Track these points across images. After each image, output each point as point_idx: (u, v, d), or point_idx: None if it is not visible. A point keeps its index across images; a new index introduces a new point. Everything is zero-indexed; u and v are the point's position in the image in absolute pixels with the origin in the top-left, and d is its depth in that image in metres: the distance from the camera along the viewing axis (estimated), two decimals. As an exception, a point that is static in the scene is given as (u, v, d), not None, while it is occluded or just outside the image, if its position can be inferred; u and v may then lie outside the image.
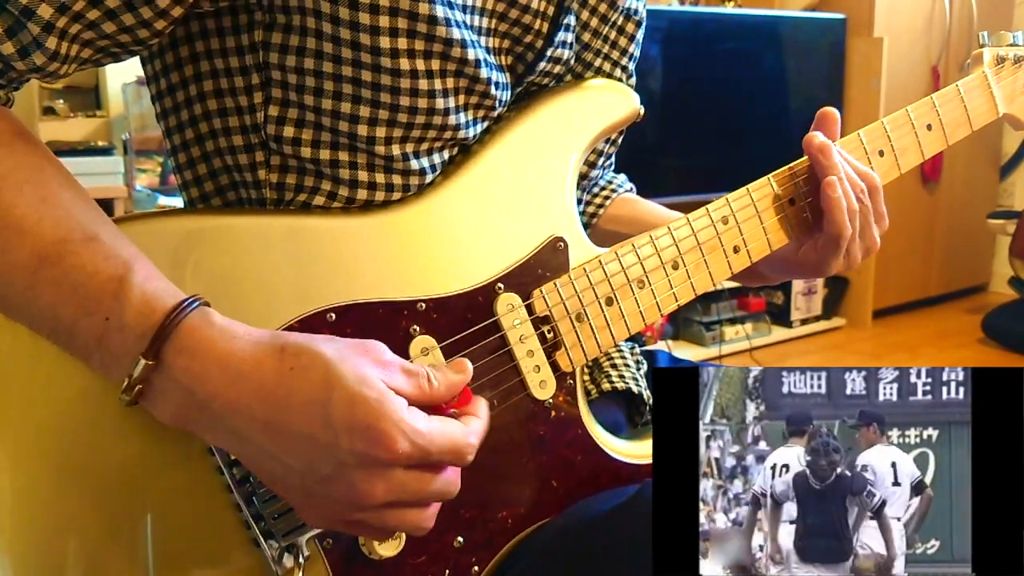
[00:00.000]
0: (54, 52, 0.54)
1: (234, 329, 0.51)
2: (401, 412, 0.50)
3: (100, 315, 0.50)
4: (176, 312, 0.50)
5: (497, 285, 0.66)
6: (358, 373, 0.50)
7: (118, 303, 0.50)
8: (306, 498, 0.52)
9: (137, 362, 0.50)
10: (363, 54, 0.61)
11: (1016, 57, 0.89)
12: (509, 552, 0.66)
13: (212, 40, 0.63)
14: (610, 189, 0.93)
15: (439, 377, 0.54)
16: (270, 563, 0.58)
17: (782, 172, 0.77)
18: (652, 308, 0.71)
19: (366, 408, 0.49)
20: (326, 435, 0.49)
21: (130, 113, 2.81)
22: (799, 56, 3.29)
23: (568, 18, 0.72)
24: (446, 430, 0.52)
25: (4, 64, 0.54)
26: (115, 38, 0.56)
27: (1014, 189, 4.04)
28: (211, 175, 0.68)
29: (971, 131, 0.86)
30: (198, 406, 0.50)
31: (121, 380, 0.51)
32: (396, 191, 0.65)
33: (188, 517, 0.57)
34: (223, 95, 0.64)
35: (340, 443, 0.49)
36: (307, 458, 0.50)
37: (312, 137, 0.63)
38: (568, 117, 0.71)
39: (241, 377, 0.50)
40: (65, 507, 0.55)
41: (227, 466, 0.57)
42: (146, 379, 0.50)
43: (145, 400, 0.51)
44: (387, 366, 0.52)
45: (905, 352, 3.27)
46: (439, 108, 0.64)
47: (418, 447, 0.50)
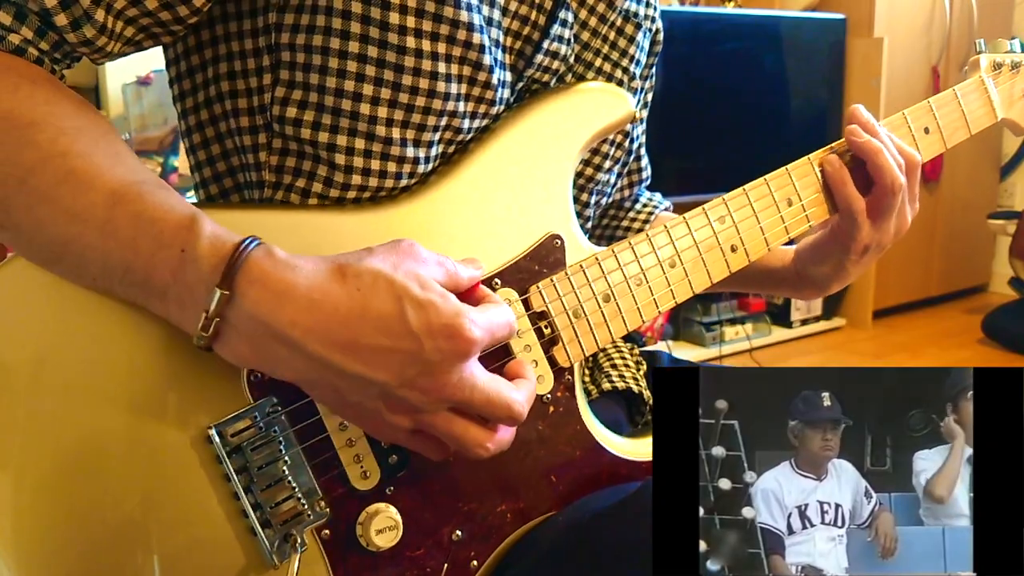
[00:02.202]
0: (102, 25, 0.57)
1: (295, 261, 0.54)
2: (461, 306, 0.54)
3: (177, 247, 0.53)
4: (244, 245, 0.53)
5: (494, 280, 0.67)
6: (418, 279, 0.54)
7: (192, 236, 0.53)
8: (385, 411, 0.54)
9: (212, 294, 0.51)
10: (372, 28, 0.62)
11: (1013, 63, 0.90)
12: (509, 547, 0.67)
13: (230, 24, 0.65)
14: (652, 206, 0.96)
15: (461, 268, 0.59)
16: (267, 553, 0.58)
17: (779, 173, 0.78)
18: (650, 305, 0.72)
19: (436, 310, 0.53)
20: (410, 343, 0.52)
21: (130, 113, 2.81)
22: (799, 56, 3.29)
23: (564, 13, 0.73)
24: (493, 319, 0.56)
25: (60, 37, 0.57)
26: (156, 15, 0.59)
27: (1014, 189, 4.05)
28: (220, 156, 0.70)
29: (969, 135, 0.87)
30: (274, 337, 0.52)
31: (198, 317, 0.52)
32: (389, 178, 0.66)
33: (185, 506, 0.58)
34: (235, 77, 0.66)
35: (424, 346, 0.52)
36: (392, 367, 0.52)
37: (314, 119, 0.64)
38: (564, 119, 0.72)
39: (314, 304, 0.52)
40: (62, 497, 0.55)
41: (225, 455, 0.57)
42: (222, 314, 0.52)
43: (220, 340, 0.53)
44: (426, 263, 0.56)
45: (905, 352, 3.27)
46: (440, 91, 0.65)
47: (486, 330, 0.55)
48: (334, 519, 0.61)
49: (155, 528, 0.57)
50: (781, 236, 0.77)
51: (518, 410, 0.56)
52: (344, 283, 0.53)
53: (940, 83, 3.52)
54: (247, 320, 0.52)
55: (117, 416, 0.56)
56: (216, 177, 0.70)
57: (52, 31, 0.57)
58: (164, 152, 2.80)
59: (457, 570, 0.64)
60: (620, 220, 0.95)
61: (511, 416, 0.56)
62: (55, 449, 0.55)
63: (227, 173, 0.70)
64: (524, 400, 0.57)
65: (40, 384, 0.55)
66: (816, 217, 0.79)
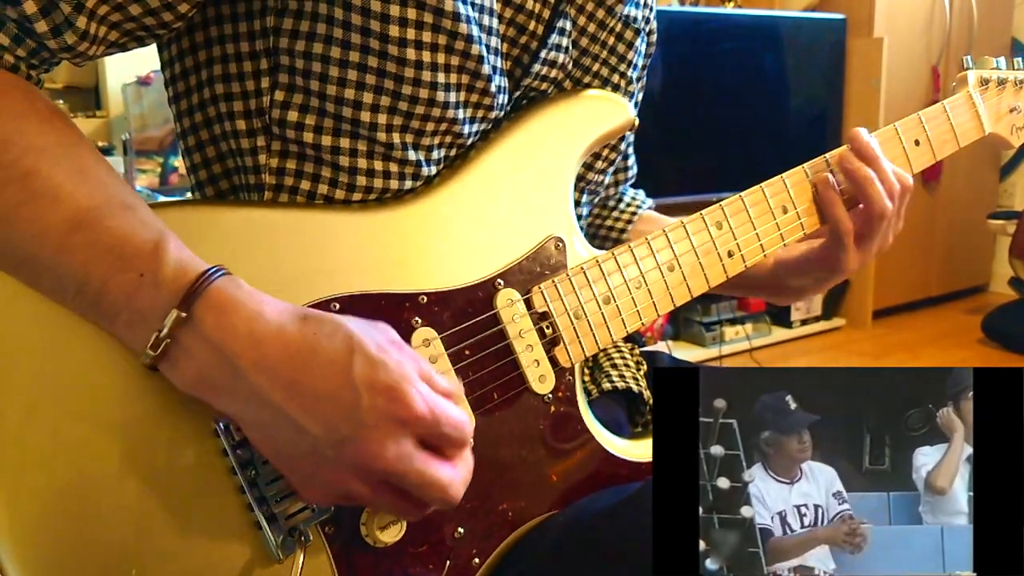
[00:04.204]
0: (84, 32, 0.56)
1: (261, 295, 0.54)
2: (416, 377, 0.52)
3: (135, 271, 0.52)
4: (209, 273, 0.52)
5: (497, 281, 0.67)
6: (376, 342, 0.53)
7: (155, 261, 0.52)
8: (313, 466, 0.53)
9: (169, 315, 0.51)
10: (372, 40, 0.62)
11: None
12: (511, 546, 0.67)
13: (226, 26, 0.65)
14: (635, 206, 0.96)
15: (438, 376, 0.55)
16: (272, 547, 0.58)
17: (774, 181, 0.79)
18: (649, 307, 0.73)
19: (386, 370, 0.51)
20: (348, 394, 0.51)
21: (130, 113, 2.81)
22: (799, 56, 3.29)
23: (563, 22, 0.73)
24: (455, 407, 0.54)
25: (38, 43, 0.56)
26: (141, 20, 0.58)
27: (1014, 189, 4.05)
28: (216, 159, 0.69)
29: (958, 148, 0.89)
30: (222, 365, 0.51)
31: (147, 338, 0.52)
32: (393, 179, 0.66)
33: (190, 500, 0.58)
34: (231, 80, 0.66)
35: (361, 401, 0.50)
36: (326, 418, 0.51)
37: (316, 123, 0.64)
38: (564, 124, 0.73)
39: (267, 338, 0.51)
40: (67, 490, 0.55)
41: (231, 448, 0.58)
42: (173, 335, 0.51)
43: (167, 360, 0.52)
44: (396, 344, 0.54)
45: (905, 352, 3.27)
46: (439, 100, 0.65)
47: (432, 411, 0.52)
48: (338, 515, 0.61)
49: (160, 521, 0.57)
50: (776, 243, 0.79)
51: (452, 494, 0.54)
52: (303, 325, 0.52)
53: (940, 83, 3.52)
54: (200, 344, 0.51)
55: (123, 410, 0.56)
56: (212, 179, 0.70)
57: (31, 38, 0.56)
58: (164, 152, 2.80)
59: (459, 567, 0.65)
60: (604, 219, 0.96)
61: (444, 500, 0.54)
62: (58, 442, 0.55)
63: (223, 175, 0.70)
64: (461, 481, 0.55)
65: (44, 376, 0.55)
66: (810, 225, 0.80)
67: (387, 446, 0.51)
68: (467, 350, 0.66)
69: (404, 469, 0.52)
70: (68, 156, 0.54)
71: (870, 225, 0.79)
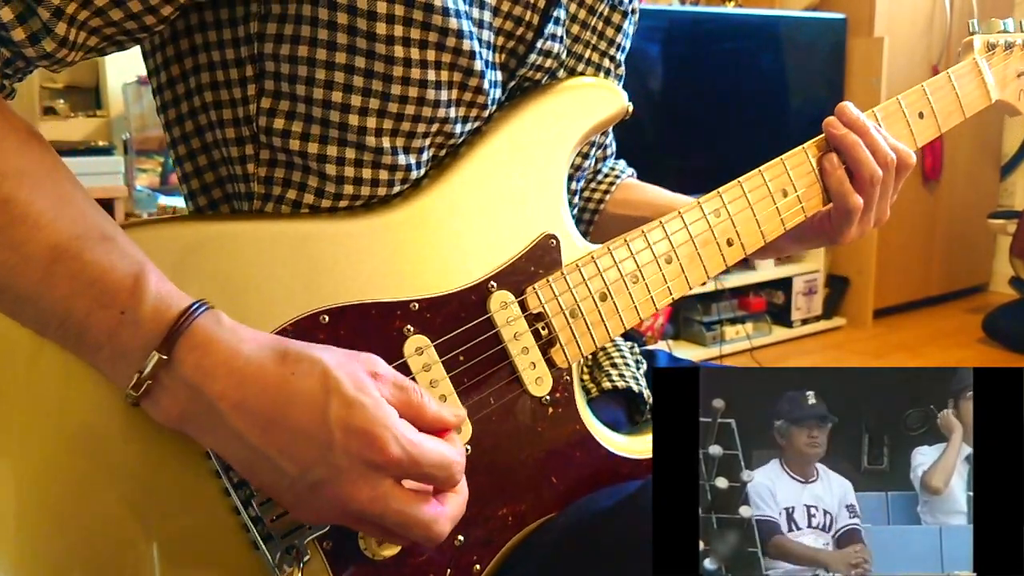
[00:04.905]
0: (63, 38, 0.54)
1: (241, 332, 0.53)
2: (394, 419, 0.52)
3: (116, 308, 0.51)
4: (190, 311, 0.52)
5: (490, 283, 0.66)
6: (355, 379, 0.52)
7: (134, 299, 0.51)
8: (295, 499, 0.53)
9: (150, 357, 0.51)
10: (359, 39, 0.61)
11: (1007, 43, 0.89)
12: (511, 550, 0.66)
13: (210, 33, 0.64)
14: (614, 175, 0.94)
15: (431, 401, 0.55)
16: (270, 566, 0.58)
17: (773, 163, 0.77)
18: (647, 302, 0.71)
19: (363, 412, 0.51)
20: (324, 435, 0.50)
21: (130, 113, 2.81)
22: (799, 56, 3.29)
23: (558, 11, 0.72)
24: (437, 445, 0.53)
25: (14, 52, 0.55)
26: (121, 25, 0.57)
27: (1014, 189, 4.04)
28: (208, 168, 0.68)
29: (964, 118, 0.86)
30: (203, 405, 0.51)
31: (129, 377, 0.51)
32: (382, 186, 0.65)
33: (187, 520, 0.57)
34: (218, 88, 0.65)
35: (335, 443, 0.50)
36: (301, 459, 0.51)
37: (302, 130, 0.63)
38: (556, 116, 0.71)
39: (246, 379, 0.51)
40: (63, 510, 0.55)
41: (225, 469, 0.57)
42: (155, 376, 0.51)
43: (149, 399, 0.52)
44: (379, 378, 0.53)
45: (905, 352, 3.27)
46: (430, 99, 0.64)
47: (409, 454, 0.51)
48: (336, 530, 0.60)
49: (156, 544, 0.56)
50: (777, 228, 0.77)
51: (437, 531, 0.53)
52: (282, 364, 0.52)
53: (940, 83, 3.51)
54: (180, 385, 0.51)
55: (118, 431, 0.56)
56: (204, 188, 0.69)
57: (6, 47, 0.54)
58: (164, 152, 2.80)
59: (460, 574, 0.64)
60: (581, 192, 0.93)
61: (428, 538, 0.53)
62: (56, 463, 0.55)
63: (215, 184, 0.69)
64: (448, 517, 0.54)
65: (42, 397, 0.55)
66: (812, 208, 0.79)
67: (360, 488, 0.51)
68: (461, 356, 0.64)
69: (381, 510, 0.51)
70: (49, 179, 0.53)
71: (864, 191, 0.78)
